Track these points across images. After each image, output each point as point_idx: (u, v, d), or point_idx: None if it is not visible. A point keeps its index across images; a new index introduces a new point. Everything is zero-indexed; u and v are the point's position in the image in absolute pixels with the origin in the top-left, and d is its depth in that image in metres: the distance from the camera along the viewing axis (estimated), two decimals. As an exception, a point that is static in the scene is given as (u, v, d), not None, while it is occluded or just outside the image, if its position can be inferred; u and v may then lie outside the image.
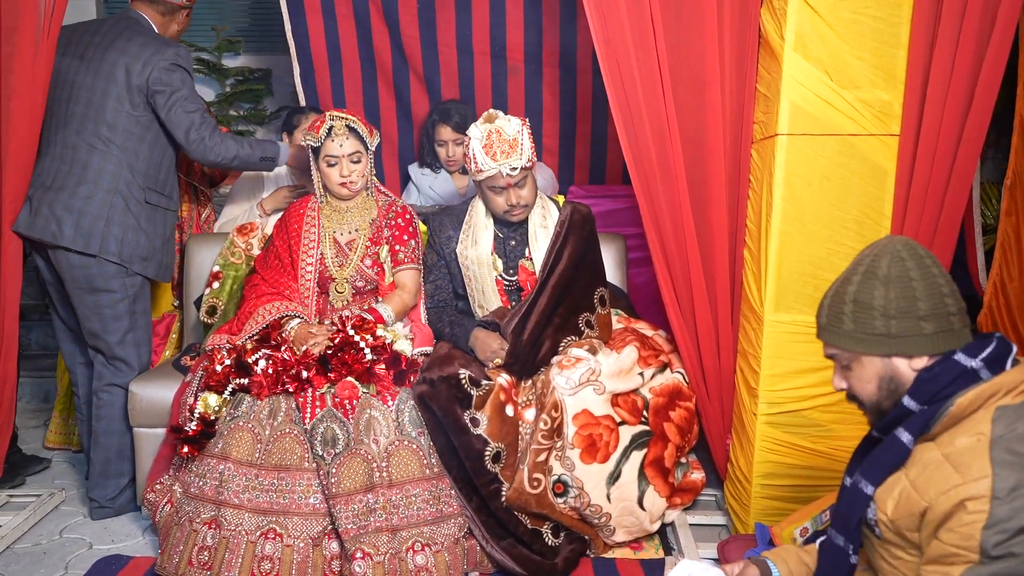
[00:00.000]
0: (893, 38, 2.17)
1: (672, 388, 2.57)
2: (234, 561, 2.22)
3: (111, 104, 2.68)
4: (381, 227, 2.73)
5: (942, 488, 1.35)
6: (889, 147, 2.22)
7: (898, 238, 1.49)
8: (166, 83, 2.68)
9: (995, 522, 1.28)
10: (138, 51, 2.68)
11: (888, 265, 1.46)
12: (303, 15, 3.60)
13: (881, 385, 1.50)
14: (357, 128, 2.63)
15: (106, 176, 2.67)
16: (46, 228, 2.64)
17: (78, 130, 2.68)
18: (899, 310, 1.44)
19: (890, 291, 1.45)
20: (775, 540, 2.12)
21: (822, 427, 2.34)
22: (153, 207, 2.77)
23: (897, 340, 1.45)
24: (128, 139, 2.69)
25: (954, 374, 1.42)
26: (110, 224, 2.66)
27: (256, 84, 4.84)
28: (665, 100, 2.34)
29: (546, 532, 2.40)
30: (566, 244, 2.56)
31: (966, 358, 1.43)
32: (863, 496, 1.51)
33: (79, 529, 2.74)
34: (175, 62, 2.70)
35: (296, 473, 2.31)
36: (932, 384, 1.43)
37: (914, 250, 1.46)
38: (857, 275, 1.49)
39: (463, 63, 3.62)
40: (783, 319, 2.30)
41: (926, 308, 1.43)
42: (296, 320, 2.57)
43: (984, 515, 1.29)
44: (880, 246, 1.49)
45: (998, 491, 1.29)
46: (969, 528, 1.30)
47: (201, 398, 2.41)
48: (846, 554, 1.56)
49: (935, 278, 1.44)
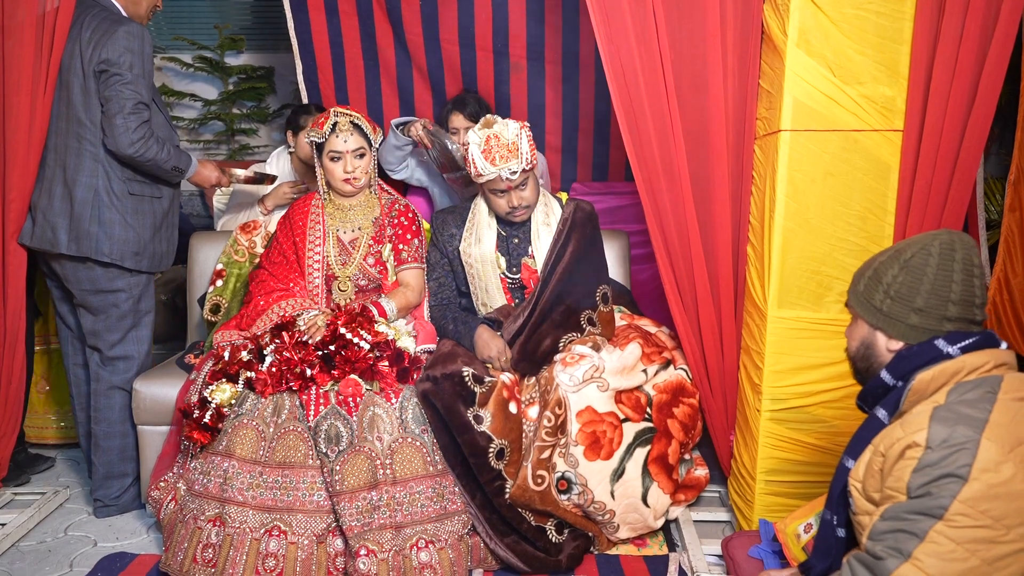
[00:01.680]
0: (896, 33, 2.17)
1: (675, 385, 2.57)
2: (238, 558, 2.22)
3: (77, 97, 2.59)
4: (384, 225, 2.73)
5: (891, 442, 1.47)
6: (892, 143, 2.22)
7: (955, 237, 1.56)
8: (111, 63, 2.53)
9: (923, 466, 1.40)
10: (89, 36, 2.57)
11: (914, 253, 1.56)
12: (306, 12, 3.60)
13: (860, 347, 1.66)
14: (361, 124, 2.63)
15: (84, 173, 2.61)
16: (43, 237, 2.63)
17: (57, 130, 2.63)
18: (898, 294, 1.57)
19: (900, 275, 1.57)
20: (779, 536, 2.12)
21: (826, 423, 2.34)
22: (138, 197, 2.68)
23: (884, 318, 1.59)
24: (98, 130, 2.59)
25: (929, 356, 1.53)
26: (95, 224, 2.61)
27: (259, 82, 4.85)
28: (668, 96, 2.34)
29: (550, 529, 2.40)
30: (569, 242, 2.56)
31: (945, 344, 1.53)
32: (844, 469, 1.65)
33: (83, 527, 2.74)
34: (126, 44, 2.54)
35: (300, 470, 2.31)
36: (907, 363, 1.56)
37: (950, 252, 1.54)
38: (892, 251, 1.61)
39: (466, 59, 3.61)
40: (786, 315, 2.30)
41: (922, 303, 1.54)
42: (314, 312, 2.57)
43: (915, 461, 1.41)
44: (930, 236, 1.58)
45: (931, 441, 1.40)
46: (902, 471, 1.43)
47: (218, 388, 2.40)
48: (832, 526, 1.69)
49: (950, 282, 1.53)
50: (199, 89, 4.90)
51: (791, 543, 2.07)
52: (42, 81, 2.56)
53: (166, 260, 2.83)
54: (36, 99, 2.56)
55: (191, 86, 4.91)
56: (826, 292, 2.28)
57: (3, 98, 2.54)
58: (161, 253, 2.80)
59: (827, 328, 2.28)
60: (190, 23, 4.89)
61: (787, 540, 2.08)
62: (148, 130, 2.57)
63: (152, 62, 2.65)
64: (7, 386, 2.74)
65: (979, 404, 1.43)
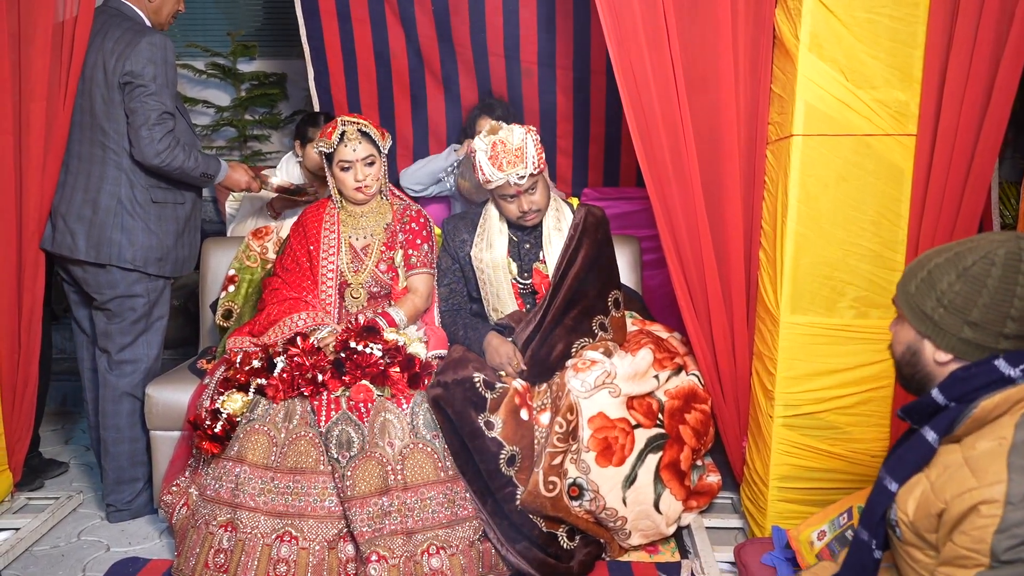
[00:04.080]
0: (909, 37, 2.16)
1: (687, 391, 2.56)
2: (250, 564, 2.23)
3: (99, 106, 2.63)
4: (395, 231, 2.73)
5: (958, 490, 1.34)
6: (906, 147, 2.21)
7: (1022, 243, 1.42)
8: (135, 75, 2.57)
9: (1007, 527, 1.27)
10: (112, 46, 2.60)
11: (975, 261, 1.42)
12: (318, 19, 3.61)
13: (906, 352, 1.52)
14: (369, 132, 2.64)
15: (108, 182, 2.64)
16: (63, 243, 2.66)
17: (80, 139, 2.66)
18: (952, 304, 1.43)
19: (957, 284, 1.43)
20: (792, 544, 2.10)
21: (839, 429, 2.32)
22: (161, 205, 2.71)
23: (935, 327, 1.45)
24: (122, 140, 2.63)
25: (989, 378, 1.40)
26: (117, 231, 2.64)
27: (271, 88, 4.88)
28: (679, 101, 2.33)
29: (561, 535, 2.40)
30: (580, 246, 2.56)
31: (1006, 365, 1.40)
32: (887, 492, 1.51)
33: (96, 532, 2.76)
34: (148, 55, 2.57)
35: (311, 476, 2.31)
36: (964, 384, 1.42)
37: (1016, 262, 1.40)
38: (950, 253, 1.47)
39: (479, 64, 3.62)
40: (799, 321, 2.28)
41: (978, 316, 1.41)
42: (327, 329, 2.56)
43: (997, 519, 1.28)
44: (991, 240, 1.44)
45: (1012, 496, 1.28)
46: (981, 532, 1.29)
47: (229, 398, 2.42)
48: (869, 548, 1.56)
49: (1012, 296, 1.39)
50: (212, 95, 4.93)
51: (804, 550, 2.05)
52: (61, 89, 2.58)
53: (188, 264, 2.85)
54: (55, 107, 2.58)
55: (204, 92, 4.94)
56: (839, 297, 2.27)
57: (19, 105, 2.56)
58: (184, 258, 2.82)
59: (840, 334, 2.27)
60: (203, 30, 4.92)
61: (801, 547, 2.06)
62: (174, 139, 2.61)
63: (175, 71, 2.69)
64: (22, 391, 2.76)
65: None
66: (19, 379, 2.74)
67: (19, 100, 2.55)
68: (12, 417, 2.74)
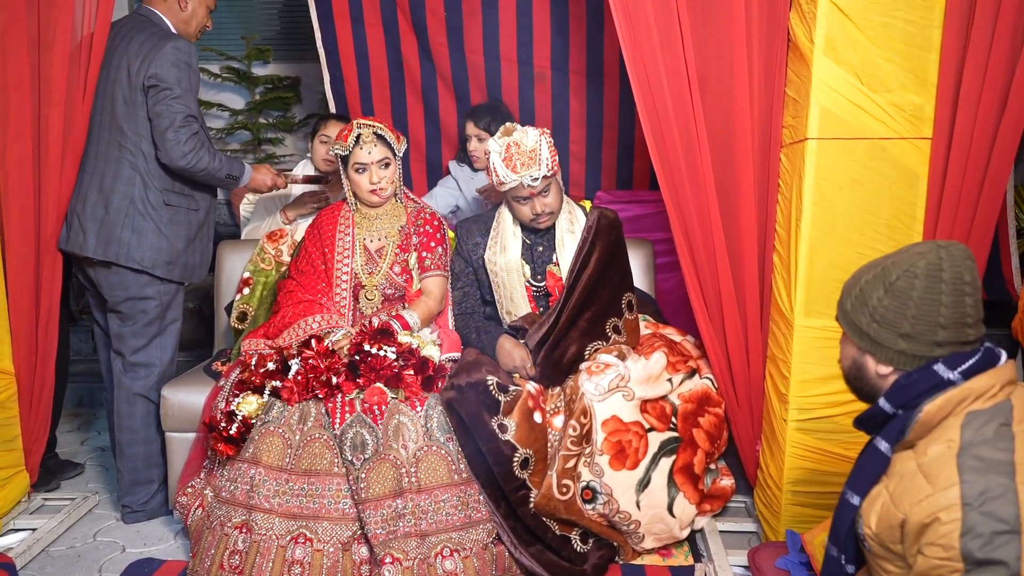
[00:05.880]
0: (925, 41, 2.15)
1: (701, 394, 2.56)
2: (265, 565, 2.24)
3: (120, 108, 2.66)
4: (410, 234, 2.74)
5: (915, 498, 1.38)
6: (921, 151, 2.20)
7: (943, 255, 1.46)
8: (160, 79, 2.60)
9: (969, 528, 1.30)
10: (137, 49, 2.63)
11: (898, 275, 1.48)
12: (332, 23, 3.63)
13: (852, 367, 1.58)
14: (384, 135, 2.65)
15: (122, 182, 2.66)
16: (75, 240, 2.68)
17: (98, 138, 2.69)
18: (884, 319, 1.49)
19: (885, 299, 1.49)
20: (806, 547, 2.10)
21: (854, 433, 2.30)
22: (174, 208, 2.73)
23: (872, 342, 1.51)
24: (140, 141, 2.66)
25: (930, 383, 1.45)
26: (128, 230, 2.66)
27: (285, 92, 4.90)
28: (693, 105, 2.33)
29: (575, 538, 2.40)
30: (593, 249, 2.56)
31: (945, 369, 1.45)
32: (850, 507, 1.56)
33: (112, 532, 2.77)
34: (173, 59, 2.61)
35: (326, 478, 2.32)
36: (907, 391, 1.48)
37: (937, 272, 1.45)
38: (878, 269, 1.53)
39: (490, 69, 3.63)
40: (813, 324, 2.28)
41: (909, 328, 1.46)
42: (341, 332, 2.57)
43: (958, 523, 1.31)
44: (912, 253, 1.49)
45: (967, 497, 1.31)
46: (947, 539, 1.32)
47: (244, 401, 2.43)
48: (840, 564, 1.61)
49: (938, 305, 1.44)
50: (226, 99, 4.96)
51: (819, 554, 2.04)
52: (79, 93, 2.61)
53: (199, 272, 2.86)
54: (73, 111, 2.61)
55: (218, 96, 4.97)
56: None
57: (39, 110, 2.58)
58: (194, 264, 2.83)
59: (855, 337, 2.26)
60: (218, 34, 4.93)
61: (815, 551, 2.06)
62: (199, 141, 2.65)
63: (199, 76, 2.72)
64: (39, 392, 2.78)
65: (999, 443, 1.35)
66: (36, 380, 2.76)
67: (38, 105, 2.57)
68: (29, 418, 2.77)
